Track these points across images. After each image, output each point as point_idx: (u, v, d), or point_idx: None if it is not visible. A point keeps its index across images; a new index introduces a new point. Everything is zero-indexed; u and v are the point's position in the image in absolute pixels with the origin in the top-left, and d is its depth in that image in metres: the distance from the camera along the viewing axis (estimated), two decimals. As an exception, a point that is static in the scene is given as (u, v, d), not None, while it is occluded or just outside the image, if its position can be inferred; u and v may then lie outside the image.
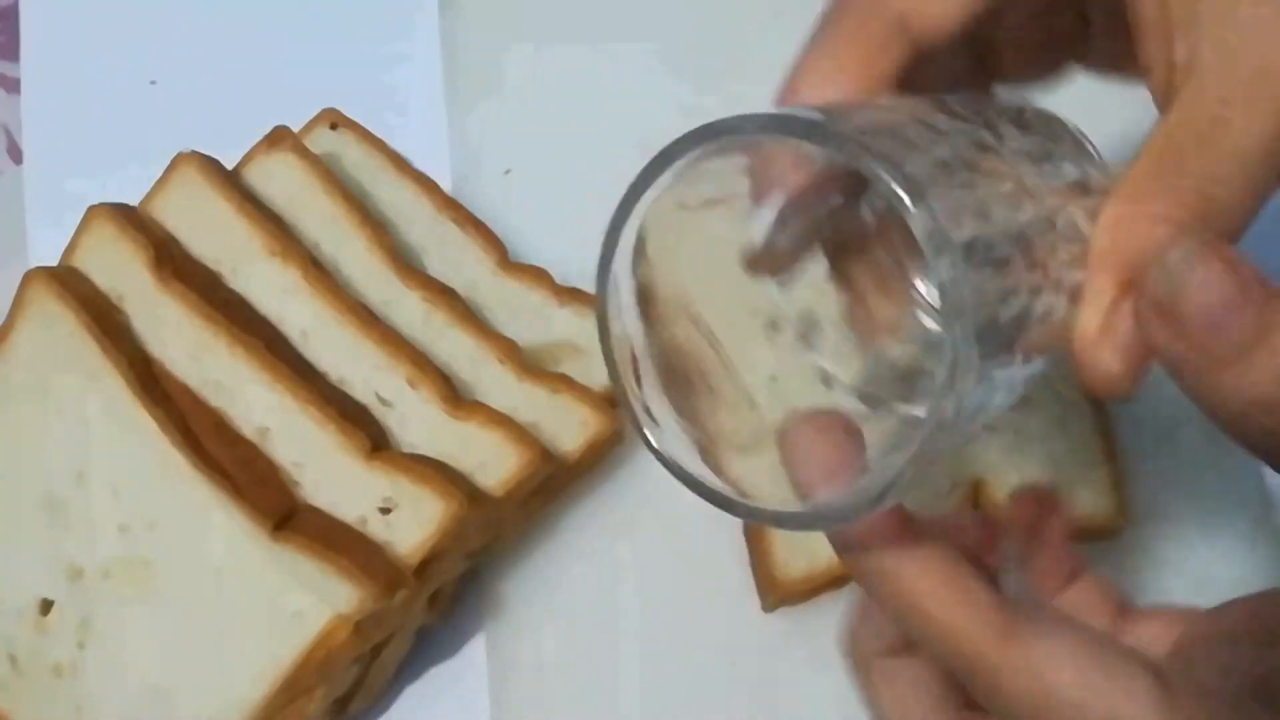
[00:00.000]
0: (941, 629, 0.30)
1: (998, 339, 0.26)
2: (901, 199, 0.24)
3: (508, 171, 0.54)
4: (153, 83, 0.56)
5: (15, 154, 0.56)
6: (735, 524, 0.47)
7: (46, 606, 0.44)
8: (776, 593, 0.46)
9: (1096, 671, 0.29)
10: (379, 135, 0.52)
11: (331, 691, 0.43)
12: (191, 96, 0.56)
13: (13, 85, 0.57)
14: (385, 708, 0.47)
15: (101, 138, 0.55)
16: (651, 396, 0.30)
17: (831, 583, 0.46)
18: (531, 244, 0.52)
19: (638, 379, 0.30)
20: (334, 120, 0.52)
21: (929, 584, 0.30)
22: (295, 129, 0.51)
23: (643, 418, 0.30)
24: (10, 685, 0.44)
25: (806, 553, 0.46)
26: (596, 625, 0.47)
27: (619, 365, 0.30)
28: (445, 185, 0.52)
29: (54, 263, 0.46)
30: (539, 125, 0.55)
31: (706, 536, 0.47)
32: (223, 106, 0.55)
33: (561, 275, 0.50)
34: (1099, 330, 0.28)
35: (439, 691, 0.47)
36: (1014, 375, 0.28)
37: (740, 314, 0.33)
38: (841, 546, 0.31)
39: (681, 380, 0.31)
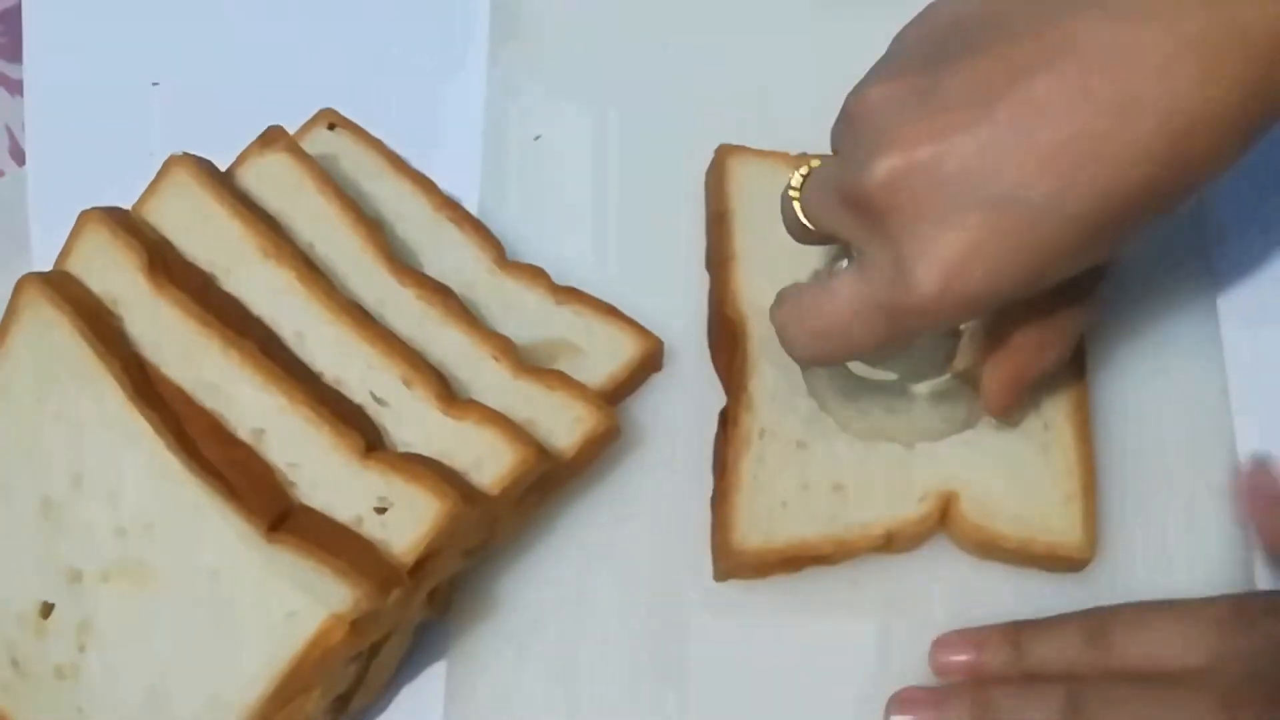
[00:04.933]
0: None
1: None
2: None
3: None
4: (155, 84, 0.57)
5: (18, 155, 0.57)
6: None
7: (47, 609, 0.44)
8: (727, 561, 0.46)
9: None
10: (376, 136, 0.52)
11: (330, 690, 0.43)
12: (194, 97, 0.56)
13: (15, 86, 0.57)
14: (386, 705, 0.47)
15: (104, 138, 0.55)
16: None
17: (784, 563, 0.46)
18: (531, 244, 0.52)
19: None
20: (332, 120, 0.53)
21: None
22: (296, 129, 0.51)
23: None
24: (13, 687, 0.44)
25: (765, 530, 0.46)
26: (595, 622, 0.47)
27: None
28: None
29: (57, 264, 0.47)
30: (538, 125, 0.54)
31: (703, 533, 0.47)
32: (226, 107, 0.55)
33: (559, 274, 0.50)
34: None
35: (439, 689, 0.47)
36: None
37: None
38: None
39: None
